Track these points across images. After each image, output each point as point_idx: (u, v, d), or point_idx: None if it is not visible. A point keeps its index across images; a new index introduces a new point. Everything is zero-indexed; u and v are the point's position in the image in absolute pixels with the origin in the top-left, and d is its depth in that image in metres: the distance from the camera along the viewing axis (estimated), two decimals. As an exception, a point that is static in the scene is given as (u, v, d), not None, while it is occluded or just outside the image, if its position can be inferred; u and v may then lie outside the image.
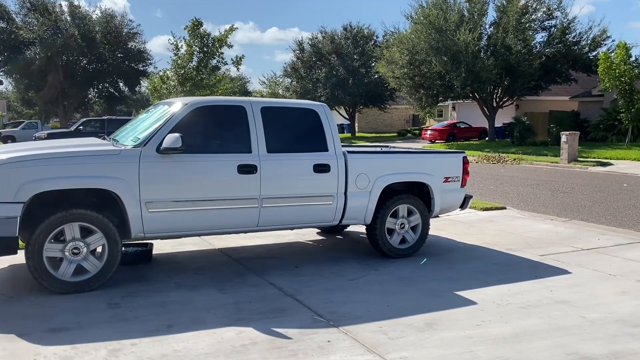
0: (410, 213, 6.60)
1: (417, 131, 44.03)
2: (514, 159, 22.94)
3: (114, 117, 22.34)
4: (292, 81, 46.69)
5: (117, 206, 5.16)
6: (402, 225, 6.55)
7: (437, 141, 34.81)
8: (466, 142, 34.67)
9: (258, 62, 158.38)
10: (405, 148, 8.36)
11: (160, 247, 6.64)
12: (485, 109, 32.73)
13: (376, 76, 41.21)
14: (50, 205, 4.96)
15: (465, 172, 6.94)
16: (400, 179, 6.43)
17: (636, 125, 26.19)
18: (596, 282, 5.67)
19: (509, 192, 13.35)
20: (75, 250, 4.97)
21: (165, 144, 5.14)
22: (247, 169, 5.57)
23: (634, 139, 26.31)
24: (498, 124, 34.13)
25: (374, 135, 48.47)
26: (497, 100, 32.73)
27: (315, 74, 43.57)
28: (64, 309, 4.58)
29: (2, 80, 45.99)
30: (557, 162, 21.30)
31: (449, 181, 6.77)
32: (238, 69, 21.01)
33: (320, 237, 7.69)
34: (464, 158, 6.95)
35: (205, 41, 19.17)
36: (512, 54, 28.79)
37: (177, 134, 5.13)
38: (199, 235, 5.78)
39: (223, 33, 19.44)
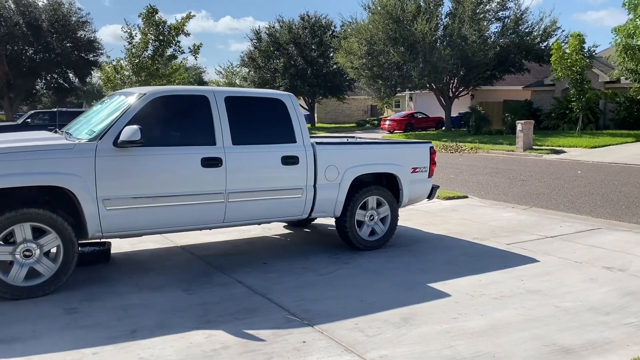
0: (379, 204, 6.49)
1: (376, 122, 44.31)
2: (471, 148, 23.31)
3: (64, 109, 21.33)
4: (249, 71, 46.06)
5: (72, 204, 4.82)
6: (372, 217, 6.44)
7: (395, 131, 35.08)
8: (424, 132, 35.11)
9: (212, 52, 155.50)
10: (370, 138, 8.24)
11: (119, 245, 6.30)
12: (442, 99, 33.16)
13: (334, 67, 41.10)
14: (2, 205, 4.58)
15: (433, 162, 6.88)
16: (370, 170, 6.30)
17: (586, 114, 27.05)
18: (564, 270, 5.71)
19: (469, 181, 13.49)
20: (26, 253, 4.61)
21: (122, 137, 4.82)
22: (211, 162, 5.31)
23: (584, 127, 27.18)
24: (454, 113, 34.70)
25: (333, 125, 48.44)
26: (453, 90, 33.22)
27: (274, 64, 43.10)
28: (16, 316, 4.23)
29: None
30: (513, 151, 21.77)
31: (417, 171, 6.69)
32: (196, 57, 20.52)
33: (287, 231, 7.50)
34: (431, 148, 6.88)
35: (161, 29, 18.46)
36: (468, 44, 29.21)
37: (135, 126, 4.82)
38: (161, 233, 5.50)
39: (180, 20, 18.76)
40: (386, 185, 6.60)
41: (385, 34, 29.44)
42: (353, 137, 8.38)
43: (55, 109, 20.41)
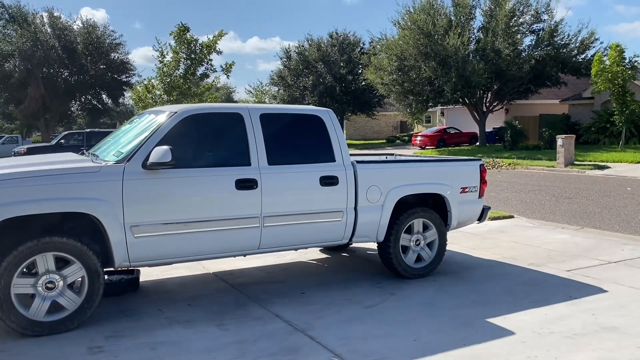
0: (425, 228, 5.98)
1: (406, 137, 43.67)
2: (509, 164, 22.50)
3: (95, 129, 21.43)
4: (279, 89, 46.16)
5: (98, 231, 4.47)
6: (418, 242, 5.92)
7: (427, 147, 34.38)
8: (457, 147, 34.32)
9: (241, 72, 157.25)
10: (412, 156, 7.75)
11: (148, 272, 5.94)
12: (476, 114, 32.38)
13: (363, 83, 40.87)
14: (19, 233, 4.25)
15: (483, 181, 6.34)
16: (415, 190, 5.80)
17: (629, 127, 25.95)
18: (638, 302, 5.08)
19: (512, 199, 12.81)
20: (49, 285, 4.26)
21: (152, 159, 4.46)
22: (246, 184, 4.91)
23: (626, 141, 26.07)
24: (488, 128, 33.83)
25: (362, 142, 47.97)
26: (487, 104, 32.42)
27: (303, 82, 43.08)
28: (37, 356, 3.86)
29: (-20, 94, 44.85)
30: (553, 167, 20.90)
31: (466, 192, 6.17)
32: (228, 76, 20.24)
33: (324, 255, 7.03)
34: (482, 166, 6.35)
35: (193, 47, 18.34)
36: (502, 57, 28.50)
37: (165, 147, 4.46)
38: (192, 261, 5.11)
39: (211, 38, 18.58)
40: (432, 207, 6.09)
41: (416, 49, 28.99)
42: (393, 154, 7.91)
43: (87, 130, 20.51)
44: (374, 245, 6.90)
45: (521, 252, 7.14)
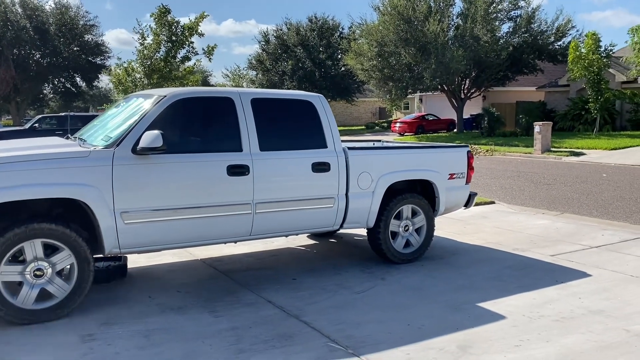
0: (414, 214, 6.01)
1: (385, 124, 43.82)
2: (487, 151, 22.78)
3: (74, 113, 20.84)
4: (257, 74, 45.70)
5: (87, 217, 4.37)
6: (407, 228, 5.96)
7: (406, 134, 34.56)
8: (435, 134, 34.59)
9: (216, 55, 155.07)
10: (400, 142, 7.77)
11: (135, 259, 5.86)
12: (454, 101, 32.63)
13: (343, 69, 40.73)
14: (6, 219, 4.14)
15: (470, 167, 6.40)
16: (405, 176, 5.83)
17: (603, 115, 26.46)
18: (622, 285, 5.22)
19: (491, 185, 12.98)
20: (37, 272, 4.17)
21: (142, 143, 4.37)
22: (237, 170, 4.86)
23: (600, 128, 26.59)
24: (466, 115, 34.14)
25: (342, 128, 47.85)
26: (465, 91, 32.69)
27: (282, 67, 42.75)
28: (26, 345, 3.79)
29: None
30: (530, 153, 21.22)
31: (454, 178, 6.22)
32: (210, 59, 19.80)
33: (312, 242, 7.03)
34: (469, 152, 6.40)
35: (174, 30, 17.92)
36: (480, 44, 28.71)
37: (156, 131, 4.37)
38: (183, 247, 5.06)
39: (194, 20, 18.14)
40: (421, 193, 6.13)
41: (396, 35, 28.97)
42: (379, 141, 7.92)
43: (65, 113, 19.95)
44: (361, 231, 6.94)
45: (505, 238, 7.25)
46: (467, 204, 6.52)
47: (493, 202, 10.26)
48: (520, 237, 7.28)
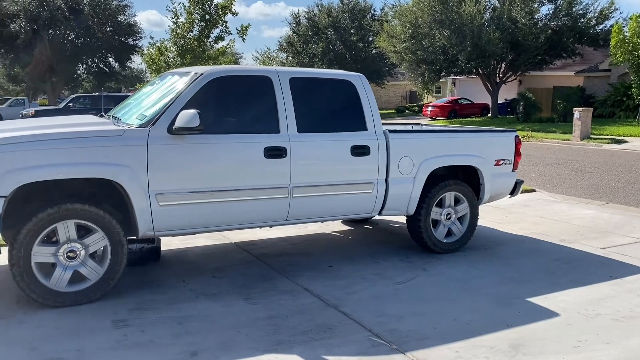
0: (457, 201, 5.72)
1: (416, 108, 43.06)
2: (523, 136, 22.06)
3: (106, 93, 20.96)
4: (287, 56, 45.36)
5: (120, 199, 4.24)
6: (449, 216, 5.68)
7: (438, 118, 33.88)
8: (468, 118, 33.81)
9: (243, 39, 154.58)
10: (441, 126, 7.44)
11: (168, 241, 5.74)
12: (489, 85, 31.73)
13: (374, 51, 40.07)
14: (39, 199, 4.03)
15: (518, 153, 6.05)
16: (449, 162, 5.54)
17: (646, 101, 25.39)
18: (683, 283, 4.86)
19: (531, 172, 12.52)
20: (70, 254, 4.05)
21: (178, 123, 4.19)
22: (275, 152, 4.65)
23: (643, 115, 25.55)
24: (500, 100, 33.22)
25: (371, 112, 47.28)
26: (501, 75, 31.75)
27: (312, 49, 42.30)
28: (59, 329, 3.68)
29: (-14, 56, 44.23)
30: (569, 140, 20.49)
31: (500, 164, 5.89)
32: (244, 39, 19.41)
33: (347, 227, 6.81)
34: (516, 137, 6.05)
35: (207, 8, 17.65)
36: (518, 27, 27.73)
37: (193, 110, 4.18)
38: (218, 231, 4.90)
39: (227, -1, 17.81)
40: (464, 180, 5.83)
41: (430, 17, 28.22)
42: (418, 124, 7.61)
43: (99, 93, 20.05)
44: (397, 218, 6.68)
45: (550, 228, 6.90)
46: (512, 192, 6.19)
47: (534, 190, 9.86)
48: (566, 228, 6.92)
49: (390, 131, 5.29)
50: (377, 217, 6.15)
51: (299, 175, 4.76)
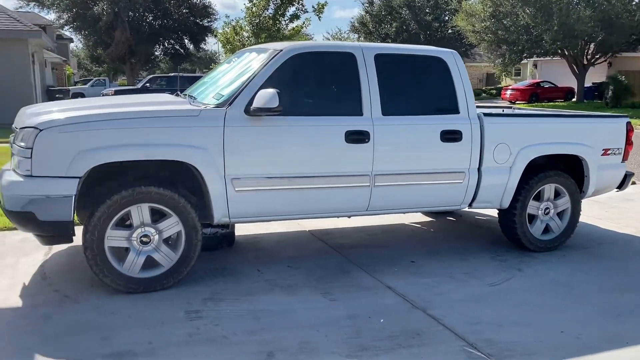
0: (557, 195, 5.13)
1: (494, 91, 41.20)
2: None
3: (182, 73, 21.32)
4: (359, 37, 44.57)
5: (195, 183, 4.02)
6: (547, 211, 5.10)
7: (517, 102, 32.15)
8: (551, 103, 31.89)
9: (315, 19, 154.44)
10: (540, 110, 6.76)
11: (242, 227, 5.51)
12: (575, 67, 29.66)
13: (450, 31, 38.53)
14: (111, 181, 3.88)
15: (629, 141, 5.35)
16: (551, 150, 4.94)
17: None
18: None
19: (628, 162, 11.40)
20: (144, 239, 3.89)
21: (257, 103, 3.89)
22: (357, 137, 4.27)
23: None
24: (587, 83, 31.01)
25: (444, 95, 45.79)
26: (589, 57, 29.57)
27: (385, 29, 41.28)
28: (131, 317, 3.52)
29: (72, 38, 46.52)
30: (667, 127, 18.72)
31: (609, 154, 5.22)
32: (319, 17, 18.91)
33: (427, 219, 6.34)
34: (628, 124, 5.35)
35: (283, -15, 17.41)
36: (611, 4, 25.58)
37: (272, 90, 3.87)
38: (294, 219, 4.62)
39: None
40: (565, 171, 5.21)
41: (513, -7, 26.60)
42: (510, 107, 6.97)
43: (175, 74, 20.37)
44: (484, 210, 6.15)
45: (660, 227, 6.13)
46: (620, 186, 5.51)
47: (634, 183, 8.91)
48: (679, 228, 6.11)
49: (485, 115, 4.76)
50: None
51: (382, 162, 4.36)
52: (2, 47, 16.50)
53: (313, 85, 4.42)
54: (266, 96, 3.85)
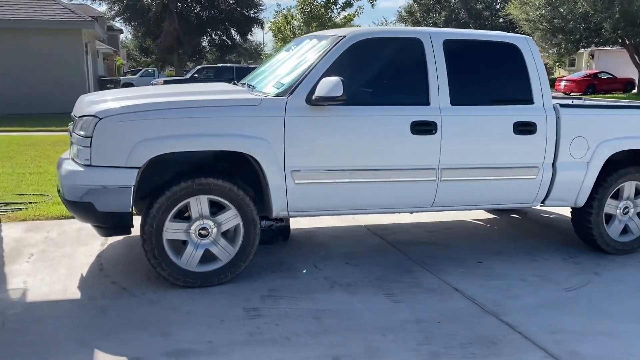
0: (637, 193, 4.73)
1: (546, 82, 39.68)
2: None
3: (229, 65, 21.43)
4: (406, 26, 43.83)
5: (253, 175, 3.86)
6: (626, 210, 4.71)
7: (573, 93, 30.85)
8: (608, 94, 30.44)
9: (367, 7, 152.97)
10: (616, 101, 6.31)
11: (296, 220, 5.32)
12: (637, 57, 28.17)
13: (501, 20, 37.34)
14: (170, 172, 3.77)
15: None
16: (634, 145, 4.55)
17: None
18: None
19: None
20: (202, 232, 3.77)
21: (319, 92, 3.69)
22: (423, 128, 4.02)
23: None
24: (648, 74, 29.42)
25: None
26: (652, 46, 28.02)
27: (433, 18, 40.41)
28: (190, 314, 3.41)
29: (122, 29, 47.62)
30: None
31: (696, 149, 4.77)
32: (373, 5, 18.52)
33: (490, 216, 6.01)
34: None
35: (336, -28, 17.14)
36: (678, -10, 24.10)
37: (335, 78, 3.66)
38: (355, 214, 4.42)
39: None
40: (642, 166, 4.79)
41: (571, -20, 25.43)
42: (581, 98, 6.54)
43: (223, 64, 20.43)
44: (550, 207, 5.78)
45: None
46: None
47: None
48: None
49: (561, 105, 4.42)
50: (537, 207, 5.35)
51: (449, 155, 4.10)
52: (57, 37, 16.94)
53: (377, 73, 4.18)
54: (329, 84, 3.64)
